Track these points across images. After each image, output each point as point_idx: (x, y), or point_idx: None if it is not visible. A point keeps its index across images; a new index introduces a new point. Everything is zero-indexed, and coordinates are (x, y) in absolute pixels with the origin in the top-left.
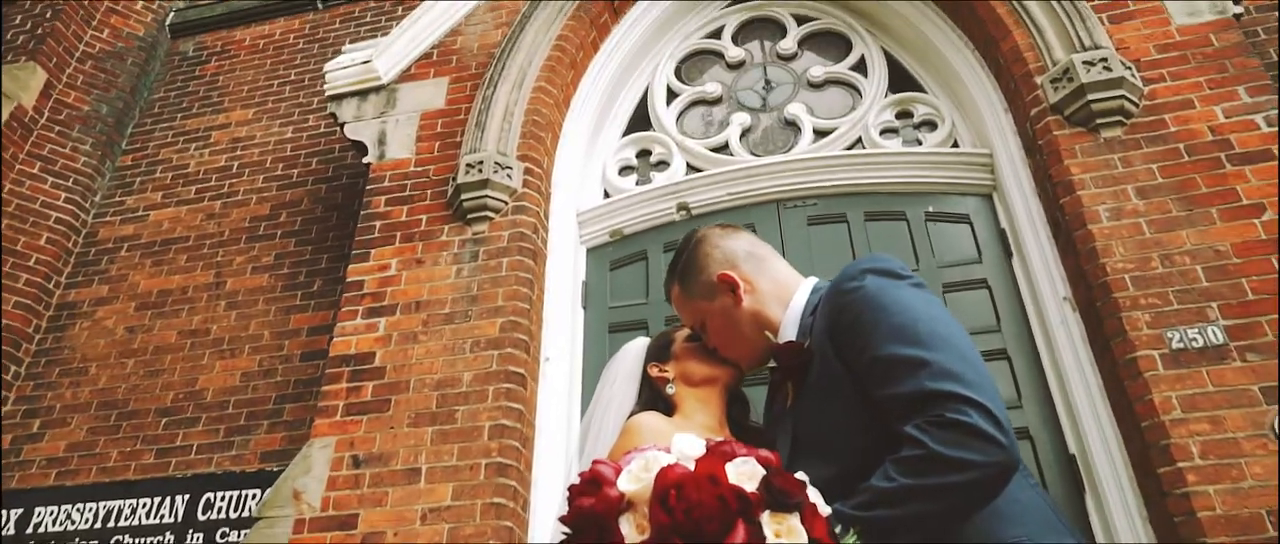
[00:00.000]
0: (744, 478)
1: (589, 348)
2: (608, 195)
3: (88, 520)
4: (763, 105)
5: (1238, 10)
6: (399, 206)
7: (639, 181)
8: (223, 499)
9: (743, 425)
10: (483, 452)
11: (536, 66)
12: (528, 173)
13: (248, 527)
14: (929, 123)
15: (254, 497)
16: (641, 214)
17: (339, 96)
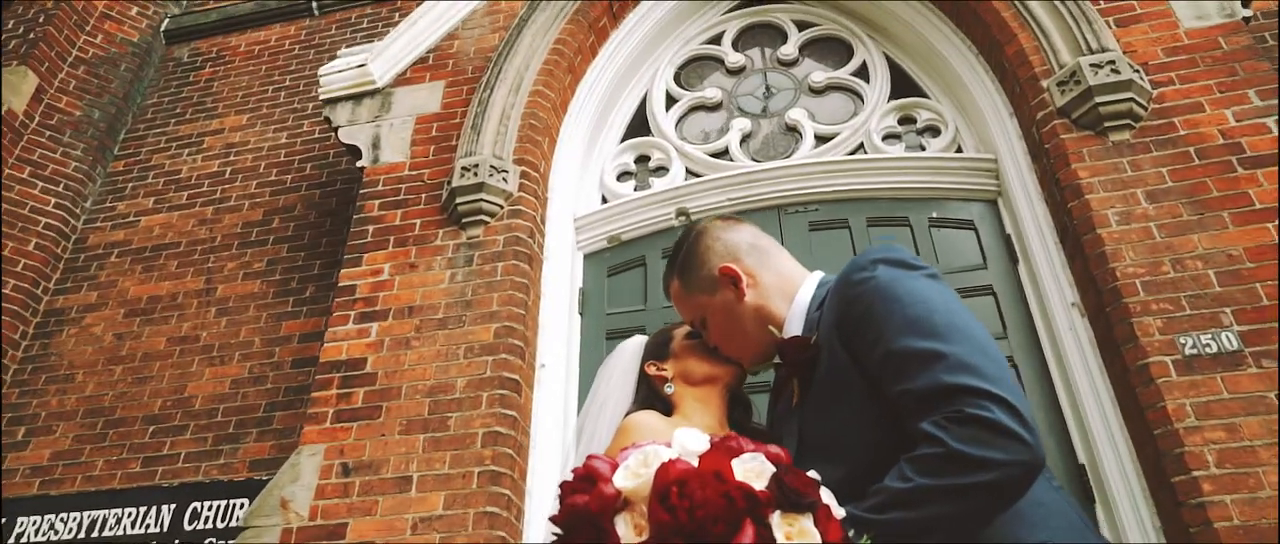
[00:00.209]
0: (752, 475)
1: (586, 355)
2: (605, 201)
3: (72, 530)
4: (763, 111)
5: (1246, 13)
6: (393, 210)
7: (637, 187)
8: (210, 509)
9: (744, 428)
10: (476, 460)
11: (534, 70)
12: (524, 177)
13: (234, 537)
14: (932, 128)
15: (242, 506)
16: (640, 220)
17: (333, 100)
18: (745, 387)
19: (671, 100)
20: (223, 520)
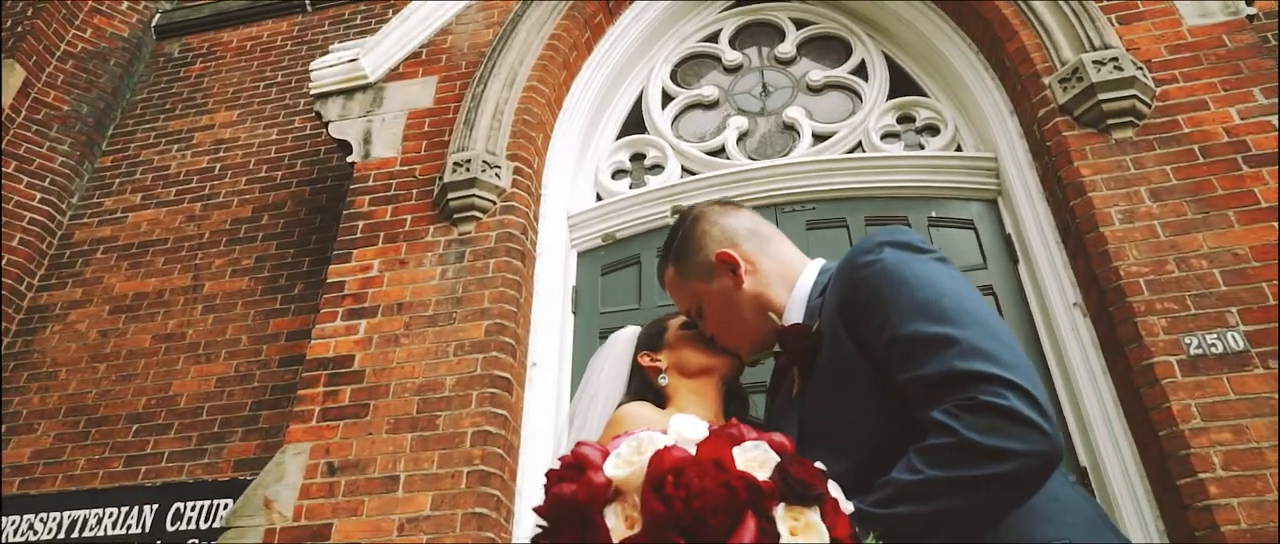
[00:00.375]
0: (755, 465)
1: (579, 354)
2: (600, 198)
3: (51, 531)
4: (760, 109)
5: (1250, 11)
6: (383, 206)
7: (632, 185)
8: (193, 509)
9: (742, 421)
10: (465, 459)
11: (528, 65)
12: (517, 173)
13: (217, 537)
14: (931, 127)
15: (226, 506)
16: (635, 218)
17: (324, 95)
18: (742, 385)
19: (668, 98)
20: (206, 521)
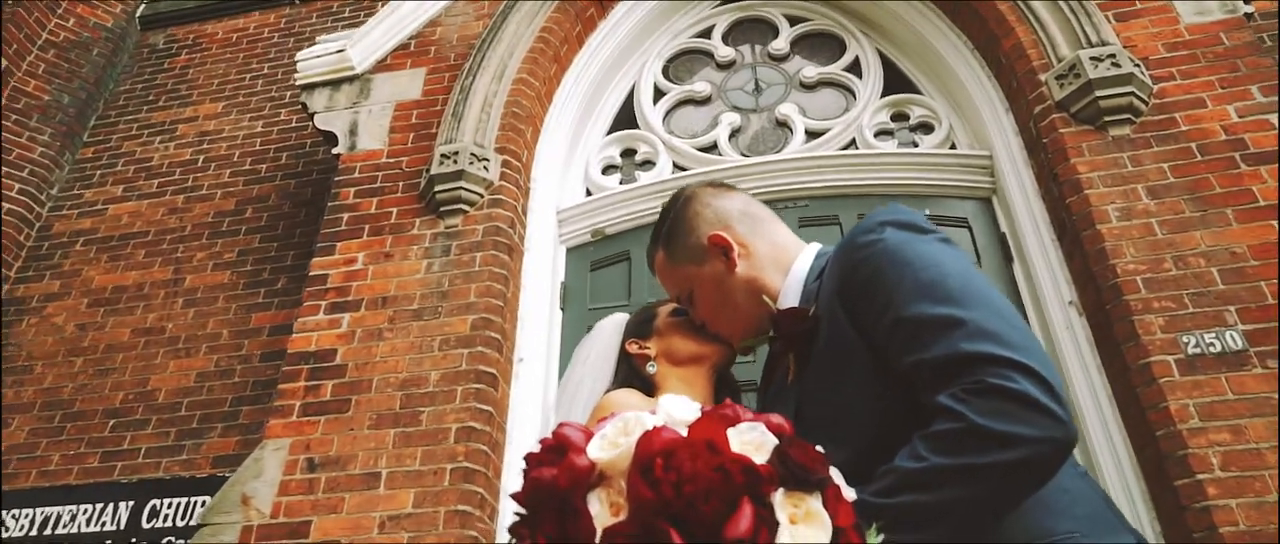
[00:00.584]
0: (751, 447)
1: (567, 350)
2: (590, 194)
3: (24, 527)
4: (754, 106)
5: (1248, 10)
6: (369, 199)
7: (623, 181)
8: (169, 506)
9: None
10: (448, 456)
11: (518, 58)
12: (505, 166)
13: (193, 535)
14: (925, 125)
15: (203, 504)
16: (625, 213)
17: (310, 86)
18: (733, 375)
19: (660, 93)
20: (183, 518)
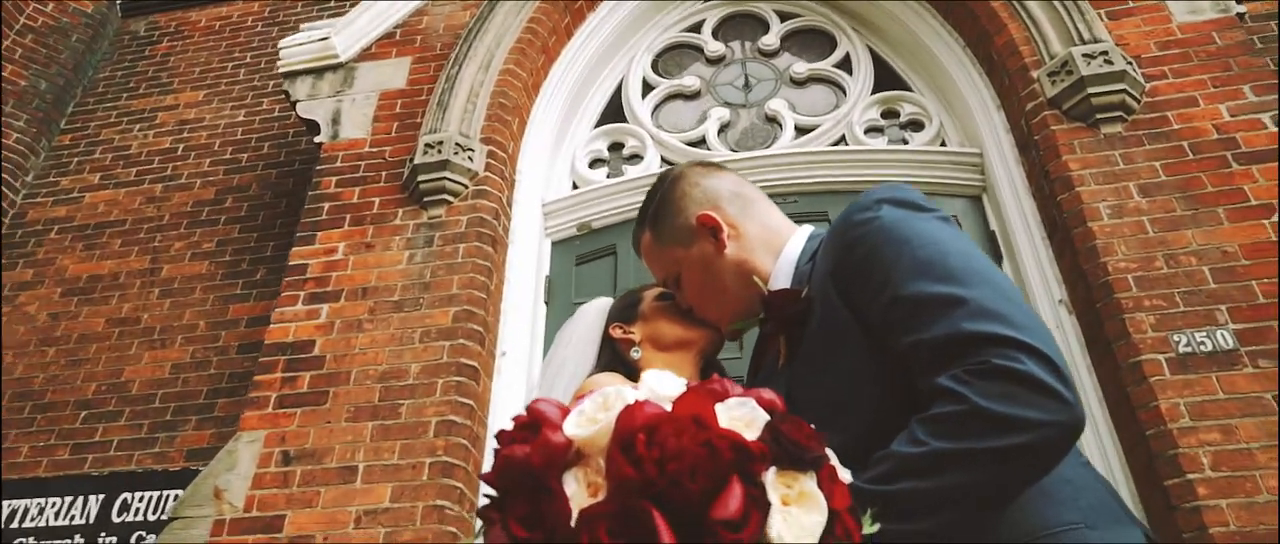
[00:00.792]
0: (741, 423)
1: (550, 345)
2: (576, 187)
3: None
4: (743, 101)
5: (1240, 9)
6: (350, 188)
7: (610, 174)
8: (141, 500)
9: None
10: (427, 450)
11: (505, 48)
12: (491, 156)
13: (163, 529)
14: (915, 122)
15: (176, 497)
16: (612, 207)
17: (293, 74)
18: (721, 362)
19: (648, 87)
20: (154, 512)
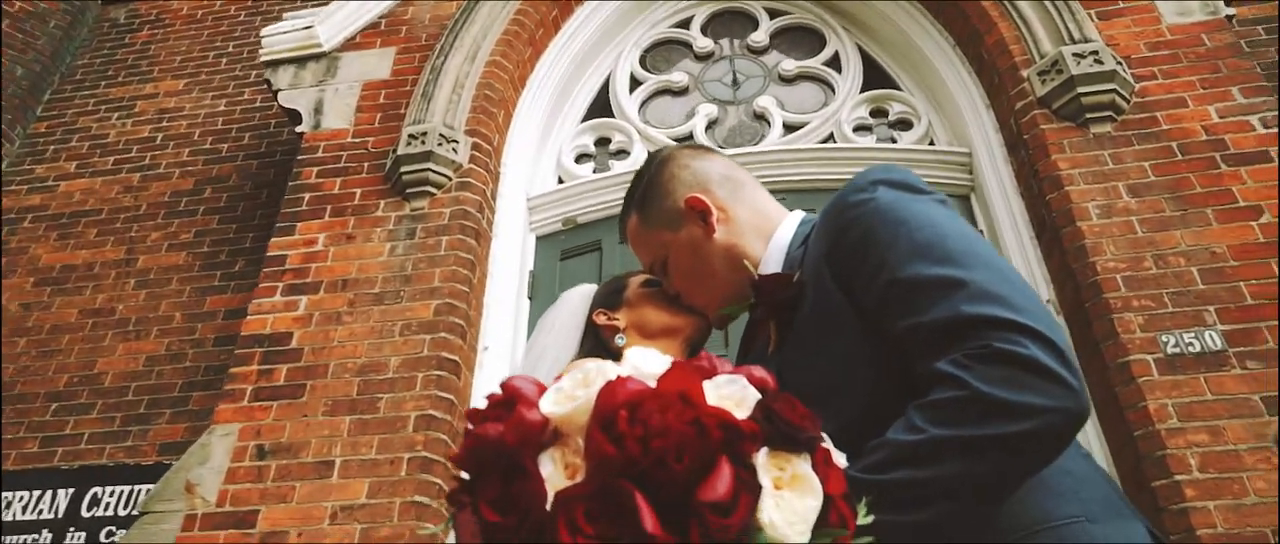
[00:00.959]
0: (730, 402)
1: None
2: (562, 182)
3: None
4: (731, 98)
5: (1229, 11)
6: (332, 179)
7: (596, 169)
8: (111, 495)
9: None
10: (406, 445)
11: (492, 40)
12: (475, 149)
13: (133, 524)
14: (904, 121)
15: (147, 492)
16: (597, 202)
17: (275, 63)
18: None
19: (636, 83)
20: (125, 507)
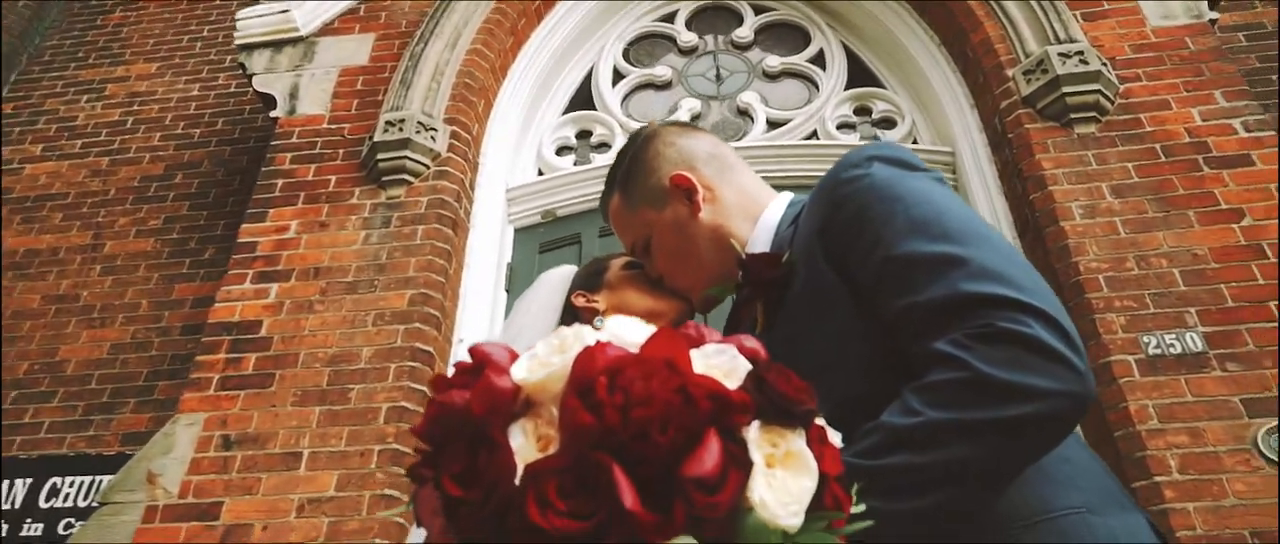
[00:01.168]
0: (720, 372)
1: None
2: (542, 174)
3: None
4: (715, 93)
5: (1213, 15)
6: (306, 165)
7: (577, 162)
8: (71, 485)
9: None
10: (377, 437)
11: (473, 28)
12: (454, 138)
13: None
14: (888, 120)
15: (108, 483)
16: (577, 195)
17: (250, 46)
18: None
19: (619, 76)
20: (84, 498)
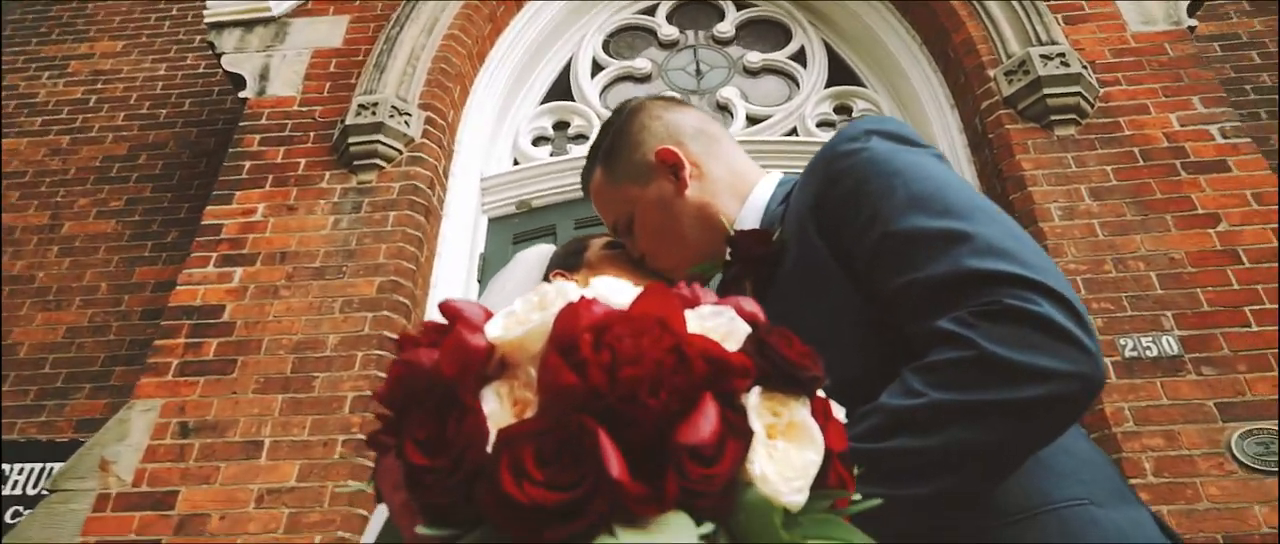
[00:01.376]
0: (717, 333)
1: None
2: (517, 164)
3: None
4: (695, 88)
5: (1191, 23)
6: (275, 147)
7: (554, 153)
8: (20, 472)
9: None
10: (341, 426)
11: (451, 13)
12: (429, 124)
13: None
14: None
15: (59, 470)
16: (554, 186)
17: (220, 25)
18: None
19: (598, 67)
20: (34, 486)
